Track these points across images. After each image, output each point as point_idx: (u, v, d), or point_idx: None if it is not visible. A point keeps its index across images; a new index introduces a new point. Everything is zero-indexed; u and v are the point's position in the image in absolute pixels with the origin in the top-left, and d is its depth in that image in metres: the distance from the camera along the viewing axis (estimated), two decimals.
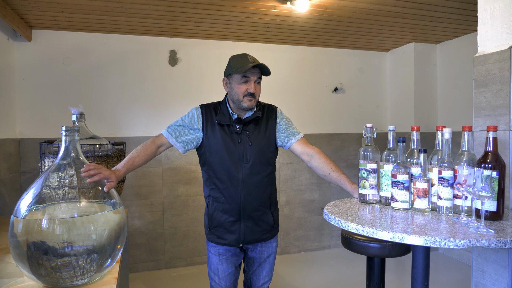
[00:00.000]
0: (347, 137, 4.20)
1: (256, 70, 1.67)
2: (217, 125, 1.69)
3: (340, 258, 3.82)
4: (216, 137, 1.68)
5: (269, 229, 1.80)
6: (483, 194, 1.15)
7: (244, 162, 1.68)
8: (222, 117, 1.70)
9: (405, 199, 1.42)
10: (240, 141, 1.69)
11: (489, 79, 1.53)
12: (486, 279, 1.50)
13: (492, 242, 1.05)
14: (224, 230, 1.73)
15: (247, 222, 1.72)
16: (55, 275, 1.05)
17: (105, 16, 2.92)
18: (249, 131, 1.71)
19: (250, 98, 1.66)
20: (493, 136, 1.30)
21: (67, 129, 1.19)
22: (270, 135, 1.76)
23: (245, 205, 1.70)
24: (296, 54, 4.01)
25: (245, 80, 1.66)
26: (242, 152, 1.68)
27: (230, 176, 1.68)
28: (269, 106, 1.83)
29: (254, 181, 1.70)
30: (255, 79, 1.68)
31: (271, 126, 1.77)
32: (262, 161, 1.72)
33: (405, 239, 1.10)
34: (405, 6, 2.82)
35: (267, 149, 1.75)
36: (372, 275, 1.89)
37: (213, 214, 1.73)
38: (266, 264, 1.85)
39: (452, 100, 3.89)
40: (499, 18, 1.49)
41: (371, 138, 1.61)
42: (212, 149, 1.69)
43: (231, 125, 1.70)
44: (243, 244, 1.76)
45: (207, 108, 1.74)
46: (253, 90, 1.66)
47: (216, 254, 1.77)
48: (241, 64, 1.64)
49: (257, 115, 1.73)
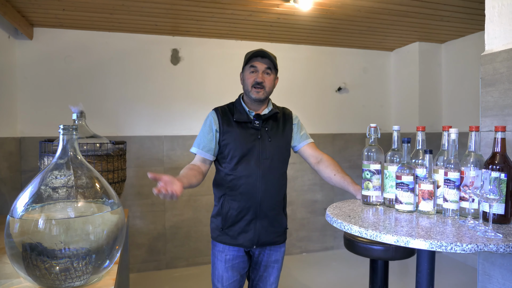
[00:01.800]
0: (350, 137, 4.16)
1: (265, 61, 1.70)
2: (235, 123, 1.71)
3: (343, 259, 3.78)
4: (235, 133, 1.69)
5: (282, 232, 1.80)
6: (491, 197, 1.11)
7: (263, 157, 1.69)
8: (240, 115, 1.72)
9: (409, 201, 1.38)
10: (260, 137, 1.70)
11: (497, 78, 1.49)
12: (492, 284, 1.46)
13: (500, 247, 1.01)
14: (238, 229, 1.70)
15: (263, 222, 1.71)
16: (50, 276, 1.03)
17: (106, 14, 2.90)
18: (267, 128, 1.73)
19: (258, 89, 1.69)
20: (501, 137, 1.26)
21: (64, 127, 1.17)
22: (287, 134, 1.79)
23: (262, 201, 1.69)
24: (299, 53, 3.98)
25: (252, 70, 1.70)
26: (262, 148, 1.70)
27: (250, 171, 1.68)
28: (285, 108, 1.88)
29: (272, 177, 1.72)
30: (263, 69, 1.70)
31: (288, 126, 1.81)
32: (280, 158, 1.76)
33: (410, 243, 1.07)
34: (410, 5, 2.79)
35: (285, 147, 1.78)
36: (375, 278, 1.86)
37: (228, 213, 1.70)
38: (274, 270, 1.81)
39: (457, 100, 3.85)
40: (507, 16, 1.46)
41: (375, 138, 1.58)
42: (231, 146, 1.69)
43: (249, 122, 1.72)
44: (256, 246, 1.73)
45: (222, 109, 1.76)
46: (260, 79, 1.68)
47: (222, 260, 1.74)
48: (249, 55, 1.71)
49: (275, 112, 1.77)
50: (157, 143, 3.54)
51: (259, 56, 1.70)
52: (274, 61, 1.72)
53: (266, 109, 1.77)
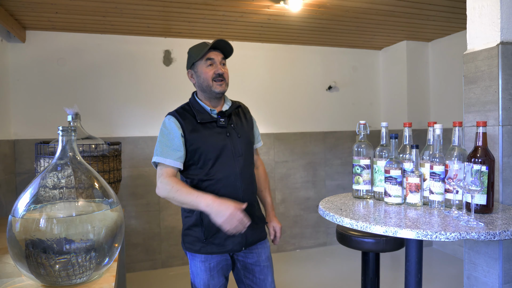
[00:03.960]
0: (341, 135, 4.23)
1: (219, 51, 1.62)
2: (199, 125, 1.58)
3: (336, 255, 3.86)
4: (203, 135, 1.56)
5: (263, 226, 1.74)
6: (473, 188, 1.18)
7: (237, 155, 1.60)
8: (202, 115, 1.59)
9: (398, 194, 1.44)
10: (229, 135, 1.60)
11: (478, 76, 1.56)
12: (477, 272, 1.53)
13: (481, 235, 1.08)
14: (225, 235, 1.55)
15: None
16: (53, 273, 1.06)
17: (99, 16, 2.92)
18: (233, 124, 1.64)
19: (220, 82, 1.58)
20: (482, 131, 1.33)
21: (63, 129, 1.19)
22: (250, 128, 1.74)
23: (244, 201, 1.57)
24: (290, 53, 4.04)
25: (209, 63, 1.59)
26: (233, 146, 1.60)
27: (228, 172, 1.57)
28: (239, 102, 1.78)
29: (248, 174, 1.65)
30: (220, 60, 1.61)
31: (249, 120, 1.75)
32: (250, 153, 1.69)
33: (397, 233, 1.13)
34: (397, 5, 2.86)
35: (252, 141, 1.73)
36: (367, 270, 1.91)
37: (210, 221, 1.49)
38: (270, 269, 1.70)
39: (444, 97, 3.94)
40: (487, 16, 1.53)
41: (365, 134, 1.64)
42: (201, 149, 1.56)
43: (214, 122, 1.60)
44: (245, 248, 1.62)
45: (180, 113, 1.62)
46: (221, 70, 1.58)
47: (206, 270, 1.59)
48: (200, 49, 1.59)
49: (237, 105, 1.70)
50: (151, 143, 3.57)
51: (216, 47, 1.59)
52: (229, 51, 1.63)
53: (226, 105, 1.67)
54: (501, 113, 1.48)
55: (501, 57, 1.47)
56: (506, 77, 1.48)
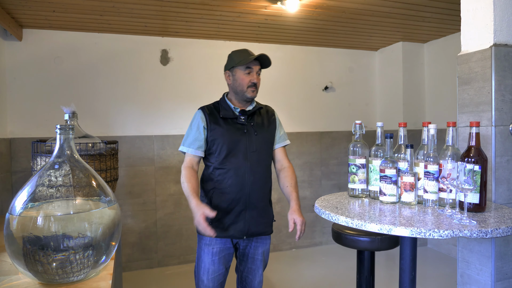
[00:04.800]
0: (337, 135, 4.25)
1: (257, 62, 1.80)
2: (221, 120, 1.78)
3: (332, 254, 3.88)
4: (222, 129, 1.76)
5: (270, 223, 1.86)
6: (465, 187, 1.20)
7: (251, 150, 1.77)
8: (226, 112, 1.79)
9: (392, 193, 1.46)
10: (246, 131, 1.78)
11: (472, 77, 1.59)
12: (471, 270, 1.55)
13: (474, 232, 1.10)
14: (229, 221, 1.76)
15: (252, 212, 1.77)
16: (51, 271, 1.06)
17: (96, 15, 2.92)
18: (253, 123, 1.81)
19: (253, 89, 1.78)
20: (475, 132, 1.35)
21: (61, 127, 1.20)
22: (271, 129, 1.88)
23: (251, 193, 1.76)
24: (287, 54, 4.05)
25: (248, 71, 1.77)
26: (249, 142, 1.77)
27: (239, 164, 1.74)
28: (267, 106, 1.96)
29: (260, 170, 1.79)
30: (257, 70, 1.80)
31: (272, 122, 1.89)
32: (266, 151, 1.84)
33: (392, 231, 1.15)
34: (393, 6, 2.88)
35: (270, 141, 1.87)
36: (362, 269, 1.93)
37: (218, 205, 1.75)
38: (261, 263, 1.87)
39: (439, 98, 3.97)
40: (481, 19, 1.55)
41: (360, 134, 1.66)
42: (219, 141, 1.76)
43: (235, 118, 1.79)
44: (246, 236, 1.79)
45: (209, 108, 1.83)
46: (256, 80, 1.78)
47: (209, 253, 1.78)
48: (243, 57, 1.77)
49: (259, 107, 1.86)
50: (147, 142, 3.57)
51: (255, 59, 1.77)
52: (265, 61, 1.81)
53: (250, 106, 1.85)
54: (494, 114, 1.50)
55: (494, 59, 1.49)
56: (499, 78, 1.50)
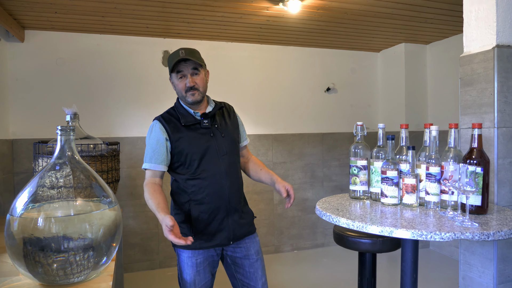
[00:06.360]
0: (339, 137, 4.25)
1: (189, 62, 1.63)
2: (183, 128, 1.66)
3: (333, 256, 3.86)
4: (188, 137, 1.65)
5: (252, 221, 1.80)
6: (468, 189, 1.19)
7: (222, 154, 1.68)
8: (186, 118, 1.67)
9: (394, 195, 1.46)
10: (213, 135, 1.68)
11: (474, 78, 1.58)
12: (473, 272, 1.54)
13: (476, 235, 1.09)
14: (213, 230, 1.66)
15: (234, 217, 1.69)
16: (51, 272, 1.06)
17: (98, 16, 2.93)
18: (217, 124, 1.71)
19: (192, 92, 1.64)
20: (478, 133, 1.34)
21: (62, 128, 1.20)
22: (236, 128, 1.81)
23: (230, 198, 1.68)
24: (289, 55, 4.05)
25: (180, 76, 1.65)
26: (218, 145, 1.67)
27: (213, 170, 1.65)
28: (225, 102, 1.85)
29: (233, 171, 1.71)
30: (190, 72, 1.64)
31: (233, 119, 1.81)
32: (235, 151, 1.76)
33: (393, 233, 1.14)
34: (396, 8, 2.88)
35: (237, 140, 1.79)
36: (363, 271, 1.92)
37: (198, 217, 1.64)
38: (259, 262, 1.77)
39: (442, 99, 3.96)
40: (483, 20, 1.54)
41: (362, 135, 1.65)
42: (187, 150, 1.64)
43: (198, 123, 1.68)
44: (233, 242, 1.70)
45: (165, 117, 1.69)
46: (190, 83, 1.63)
47: (193, 265, 1.66)
48: (170, 61, 1.64)
49: (220, 106, 1.76)
50: None
51: (181, 61, 1.62)
52: (197, 60, 1.64)
53: (209, 107, 1.73)
54: (496, 115, 1.49)
55: (497, 60, 1.49)
56: (502, 79, 1.50)
